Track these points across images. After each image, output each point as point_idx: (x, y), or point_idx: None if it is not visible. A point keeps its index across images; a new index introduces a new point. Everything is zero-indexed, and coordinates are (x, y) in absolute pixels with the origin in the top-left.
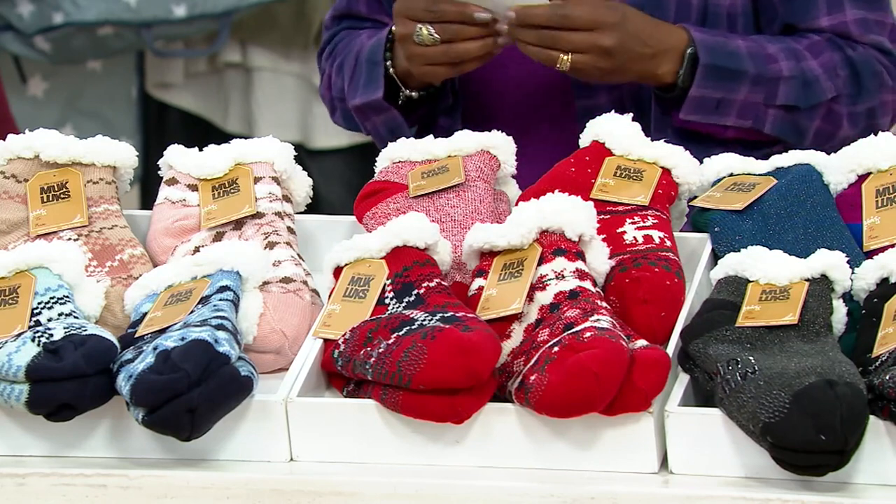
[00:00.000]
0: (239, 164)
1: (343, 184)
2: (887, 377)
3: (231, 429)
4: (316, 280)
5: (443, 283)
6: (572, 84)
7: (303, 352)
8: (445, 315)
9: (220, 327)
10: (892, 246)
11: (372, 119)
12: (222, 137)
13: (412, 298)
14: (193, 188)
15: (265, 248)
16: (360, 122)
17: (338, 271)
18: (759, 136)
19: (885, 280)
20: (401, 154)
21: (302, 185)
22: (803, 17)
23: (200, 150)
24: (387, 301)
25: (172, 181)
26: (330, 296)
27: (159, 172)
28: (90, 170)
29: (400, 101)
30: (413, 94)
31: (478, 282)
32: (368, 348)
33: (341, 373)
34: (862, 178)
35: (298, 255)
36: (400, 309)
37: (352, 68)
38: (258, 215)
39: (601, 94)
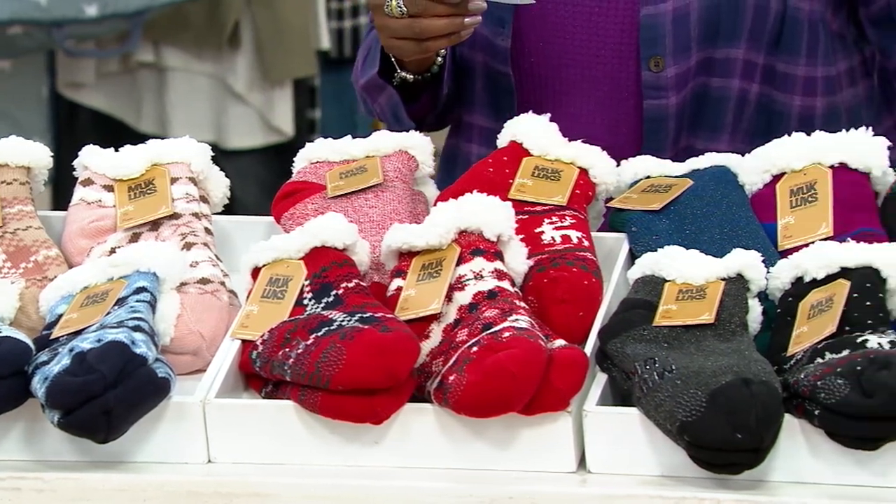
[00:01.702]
0: (155, 165)
1: (258, 184)
2: (802, 375)
3: (148, 430)
4: (234, 281)
5: (361, 283)
6: (643, 57)
7: (220, 353)
8: (364, 315)
9: (136, 329)
10: (805, 245)
11: (377, 100)
12: (135, 138)
13: (330, 299)
14: (109, 189)
15: (182, 248)
16: (370, 106)
17: (256, 272)
18: None
19: (799, 279)
20: (319, 154)
21: (219, 185)
22: None
23: (116, 150)
24: (305, 302)
25: (88, 182)
26: (248, 297)
27: (74, 173)
28: (3, 170)
29: (394, 83)
30: (408, 76)
31: (396, 282)
32: (287, 349)
33: (259, 374)
34: (776, 178)
35: (216, 255)
36: (318, 310)
37: (365, 50)
38: (175, 216)
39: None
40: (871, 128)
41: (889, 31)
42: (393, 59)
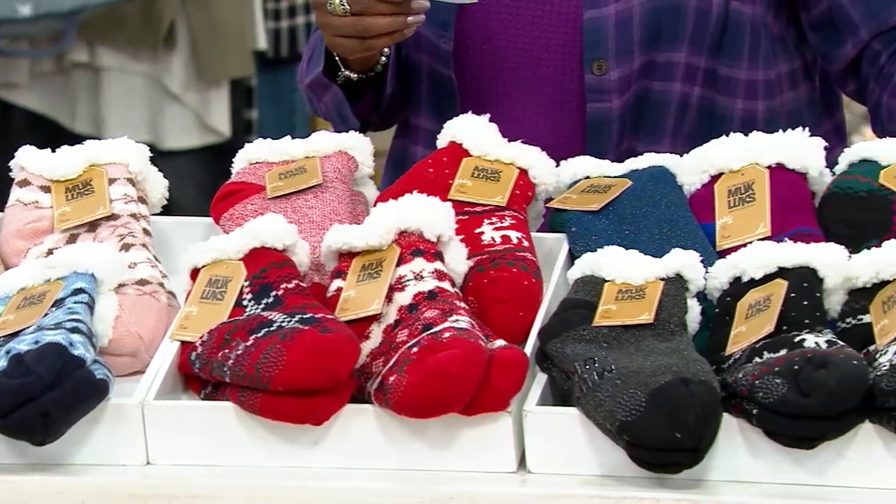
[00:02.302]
0: (93, 166)
1: (194, 184)
2: (740, 375)
3: (86, 433)
4: (172, 282)
5: (301, 284)
6: (584, 59)
7: (159, 354)
8: (304, 316)
9: (74, 330)
10: (743, 245)
11: (322, 99)
12: (70, 138)
13: (270, 300)
14: (46, 190)
15: (120, 249)
16: (315, 105)
17: (195, 273)
18: None
19: (737, 279)
20: (258, 155)
21: (157, 186)
22: (891, 6)
23: (52, 151)
24: (245, 303)
25: (24, 182)
26: (187, 298)
27: (10, 174)
28: None
29: (338, 81)
30: (352, 75)
31: (336, 283)
32: (226, 350)
33: (198, 375)
34: (714, 178)
35: (154, 256)
36: (258, 310)
37: (311, 49)
38: (113, 217)
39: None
40: (811, 130)
41: (829, 35)
42: (337, 58)
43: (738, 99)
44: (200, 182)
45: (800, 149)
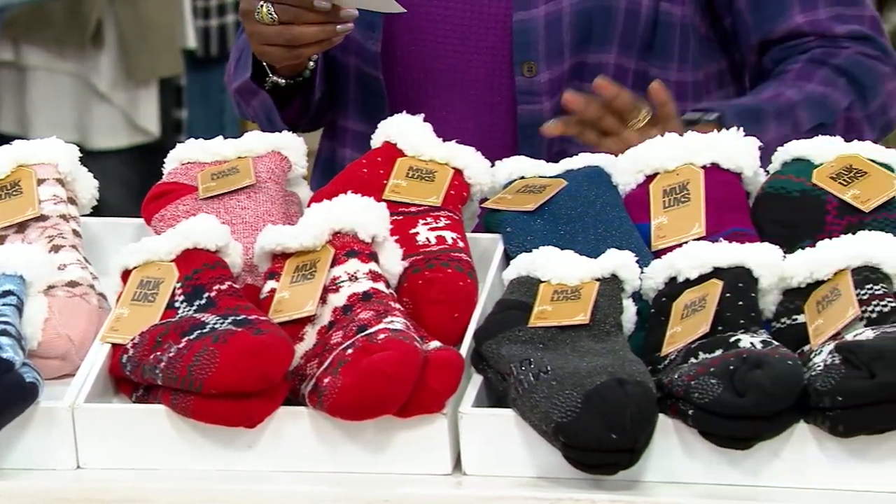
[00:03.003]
0: (21, 166)
1: (122, 185)
2: (676, 376)
3: (15, 437)
4: (103, 284)
5: (234, 285)
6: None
7: (90, 357)
8: (237, 318)
9: (2, 333)
10: (679, 245)
11: (251, 103)
12: None
13: (203, 301)
14: None
15: (50, 251)
16: (244, 109)
17: (126, 274)
18: None
19: (672, 279)
20: (190, 155)
21: (87, 186)
22: (776, 18)
23: None
24: (177, 304)
25: None
26: (118, 300)
27: None
28: None
29: (266, 87)
30: (280, 80)
31: (270, 284)
32: (158, 353)
33: (130, 378)
34: (649, 178)
35: (84, 258)
36: (190, 312)
37: (238, 52)
38: (42, 218)
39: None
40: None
41: (734, 42)
42: (265, 64)
43: None
44: (128, 182)
45: (734, 148)
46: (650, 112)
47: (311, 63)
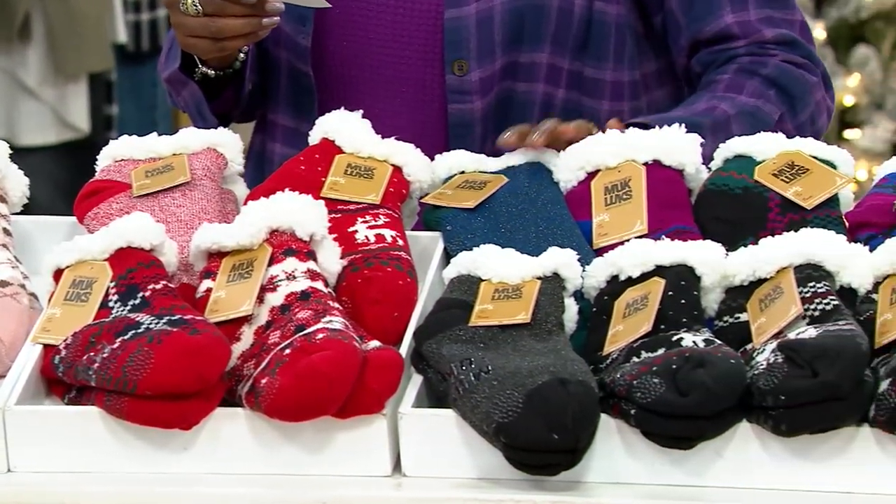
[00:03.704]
0: None
1: (52, 183)
2: (618, 375)
3: None
4: (34, 283)
5: (169, 285)
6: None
7: (21, 358)
8: (172, 318)
9: None
10: (621, 243)
11: (181, 93)
12: None
13: (137, 301)
14: None
15: None
16: (175, 99)
17: (58, 274)
18: None
19: (614, 277)
20: (123, 152)
21: (17, 184)
22: (706, 17)
23: None
24: (111, 304)
25: None
26: (50, 300)
27: None
28: None
29: (195, 78)
30: (209, 72)
31: (206, 283)
32: (91, 353)
33: (62, 379)
34: (591, 175)
35: (15, 257)
36: (125, 312)
37: (169, 42)
38: None
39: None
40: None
41: (667, 41)
42: (195, 55)
43: (604, 101)
44: (58, 180)
45: (676, 145)
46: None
47: (242, 55)
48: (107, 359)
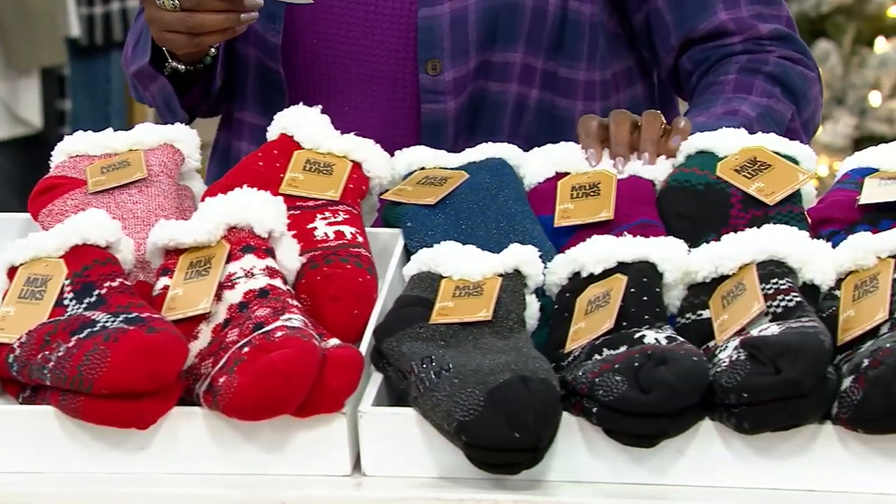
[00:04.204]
0: None
1: (3, 178)
2: (580, 373)
3: None
4: None
5: (125, 282)
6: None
7: None
8: (129, 316)
9: None
10: (584, 226)
11: (148, 88)
12: None
13: (93, 299)
14: None
15: None
16: (141, 93)
17: (12, 272)
18: None
19: (576, 274)
20: (78, 148)
21: None
22: (698, 16)
23: None
24: (66, 302)
25: None
26: (4, 297)
27: None
28: None
29: (165, 72)
30: (180, 67)
31: (163, 281)
32: (46, 352)
33: (16, 378)
34: (559, 175)
35: None
36: (80, 310)
37: (136, 35)
38: None
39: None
40: None
41: (649, 41)
42: (165, 50)
43: (577, 101)
44: (10, 176)
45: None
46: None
47: (213, 50)
48: (62, 357)
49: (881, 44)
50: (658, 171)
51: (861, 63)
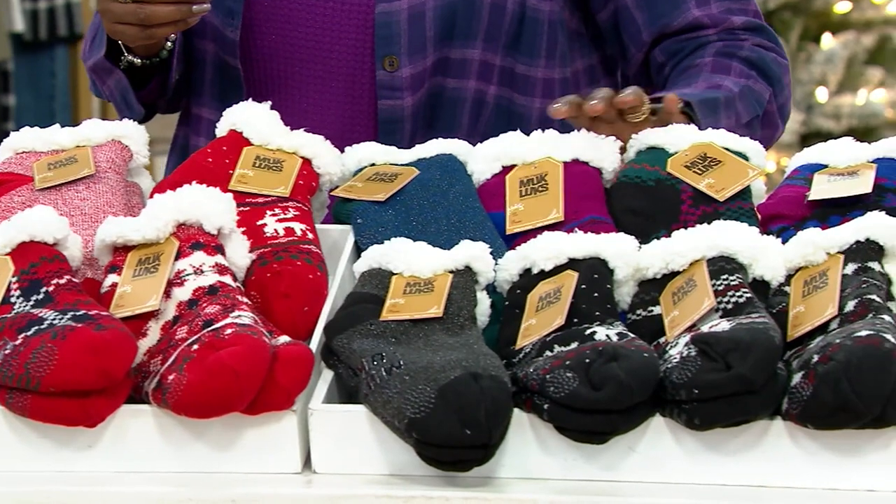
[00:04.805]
0: None
1: None
2: (531, 369)
3: None
4: None
5: (73, 279)
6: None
7: None
8: (77, 313)
9: None
10: (535, 230)
11: (106, 82)
12: None
13: (40, 297)
14: None
15: None
16: (99, 88)
17: None
18: None
19: (527, 271)
20: (24, 144)
21: None
22: (671, 13)
23: None
24: (13, 300)
25: None
26: None
27: None
28: None
29: (121, 66)
30: (136, 60)
31: (111, 278)
32: None
33: None
34: (507, 169)
35: None
36: (27, 308)
37: (94, 29)
38: None
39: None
40: None
41: (617, 38)
42: (120, 43)
43: (536, 98)
44: None
45: (595, 145)
46: (650, 110)
47: (169, 43)
48: (9, 355)
49: (827, 40)
50: (603, 159)
51: (808, 59)
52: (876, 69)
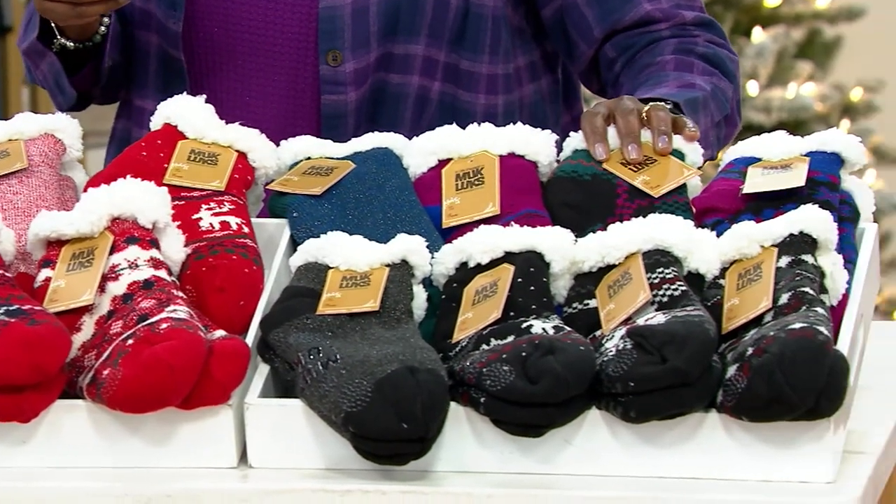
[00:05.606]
0: None
1: None
2: (467, 363)
3: None
4: None
5: (6, 274)
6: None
7: None
8: (10, 308)
9: None
10: (472, 224)
11: (39, 66)
12: None
13: None
14: None
15: None
16: (33, 73)
17: None
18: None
19: (463, 264)
20: None
21: None
22: (622, 8)
23: None
24: None
25: None
26: None
27: None
28: None
29: (53, 49)
30: (68, 43)
31: (44, 272)
32: None
33: None
34: (443, 162)
35: None
36: None
37: (29, 13)
38: None
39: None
40: (551, 124)
41: (564, 34)
42: (53, 25)
43: (480, 94)
44: None
45: (531, 139)
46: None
47: (103, 28)
48: None
49: (758, 33)
50: (539, 153)
51: (738, 52)
52: (806, 63)
